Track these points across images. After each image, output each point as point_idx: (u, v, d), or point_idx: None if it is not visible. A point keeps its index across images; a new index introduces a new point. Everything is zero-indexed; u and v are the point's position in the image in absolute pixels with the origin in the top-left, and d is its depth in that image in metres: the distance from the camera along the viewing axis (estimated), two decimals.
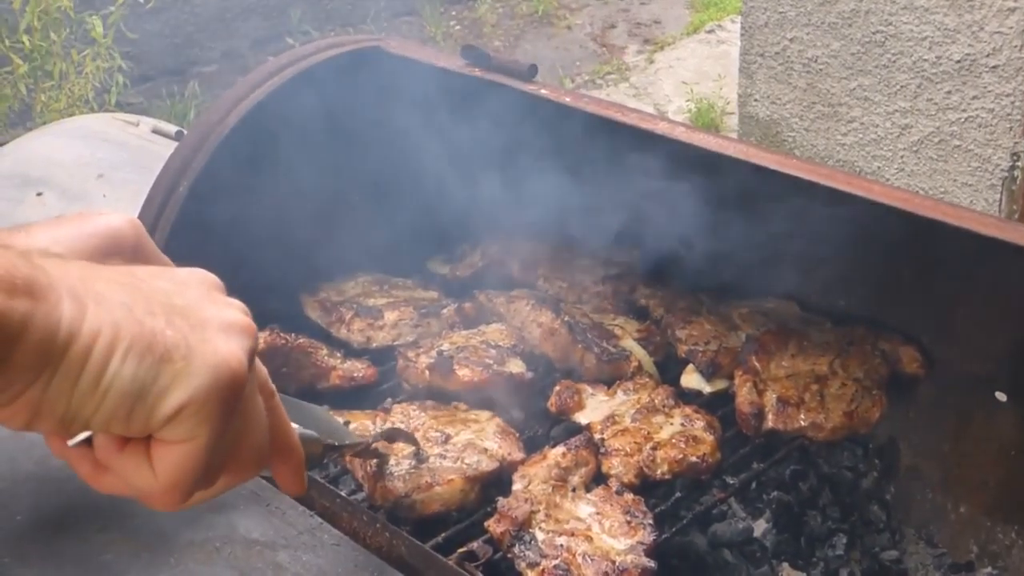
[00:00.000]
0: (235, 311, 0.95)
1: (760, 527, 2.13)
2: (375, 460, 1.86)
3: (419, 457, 1.90)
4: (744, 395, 2.09)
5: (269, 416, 0.99)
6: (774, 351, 2.17)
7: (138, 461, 0.91)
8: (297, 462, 1.07)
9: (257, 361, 0.97)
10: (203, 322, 0.90)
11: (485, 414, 2.05)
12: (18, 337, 0.80)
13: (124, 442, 0.91)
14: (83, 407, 0.85)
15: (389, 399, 2.13)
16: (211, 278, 0.98)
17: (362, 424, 2.00)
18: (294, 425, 1.06)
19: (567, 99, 2.16)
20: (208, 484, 0.96)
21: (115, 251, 1.12)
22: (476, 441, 1.96)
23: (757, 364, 2.15)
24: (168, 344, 0.87)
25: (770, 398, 2.08)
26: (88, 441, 0.93)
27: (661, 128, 2.03)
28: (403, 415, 2.04)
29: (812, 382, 2.12)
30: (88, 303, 0.84)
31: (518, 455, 1.95)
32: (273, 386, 1.01)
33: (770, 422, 2.06)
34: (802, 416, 2.05)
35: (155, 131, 3.37)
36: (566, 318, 2.21)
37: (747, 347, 2.19)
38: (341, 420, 1.83)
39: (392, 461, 1.89)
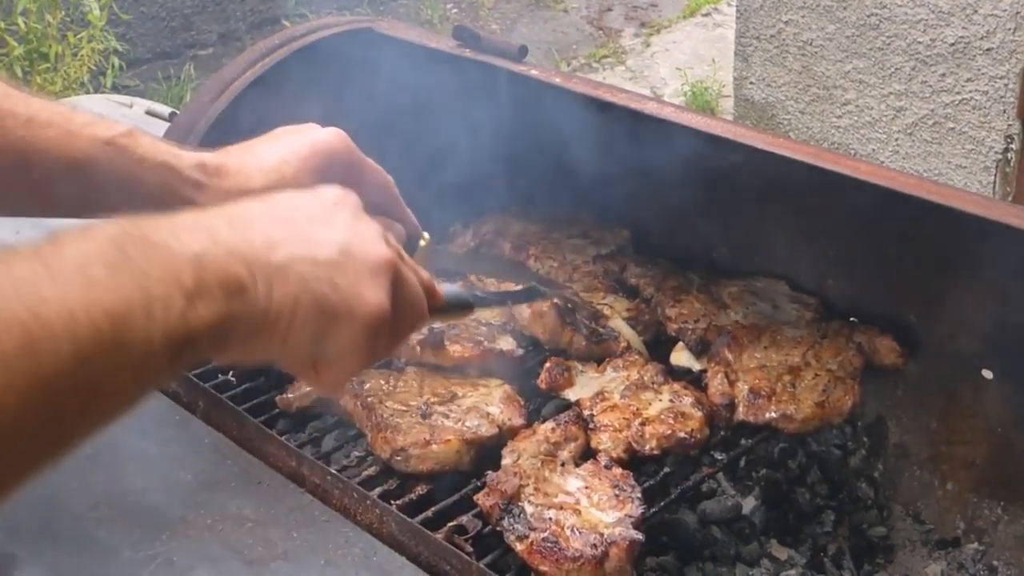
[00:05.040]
0: (377, 245, 1.15)
1: (749, 504, 2.15)
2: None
3: (423, 412, 1.93)
4: (715, 386, 2.08)
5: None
6: (747, 344, 2.16)
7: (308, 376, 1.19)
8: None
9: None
10: (356, 275, 1.11)
11: (496, 381, 2.08)
12: (236, 327, 1.01)
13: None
14: (272, 355, 1.11)
15: (403, 359, 2.14)
16: (353, 200, 1.19)
17: (375, 380, 2.03)
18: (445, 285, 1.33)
19: (557, 80, 2.17)
20: (380, 357, 1.23)
21: (332, 166, 1.44)
22: (481, 405, 1.98)
23: (729, 355, 2.14)
24: (334, 305, 1.09)
25: (741, 389, 2.07)
26: None
27: (650, 108, 2.05)
28: (416, 376, 2.07)
29: (784, 373, 2.10)
30: (275, 283, 1.04)
31: (519, 421, 1.97)
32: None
33: (741, 414, 2.04)
34: (773, 407, 2.03)
35: (149, 112, 3.37)
36: (555, 300, 2.22)
37: (720, 339, 2.19)
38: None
39: (395, 413, 1.93)
